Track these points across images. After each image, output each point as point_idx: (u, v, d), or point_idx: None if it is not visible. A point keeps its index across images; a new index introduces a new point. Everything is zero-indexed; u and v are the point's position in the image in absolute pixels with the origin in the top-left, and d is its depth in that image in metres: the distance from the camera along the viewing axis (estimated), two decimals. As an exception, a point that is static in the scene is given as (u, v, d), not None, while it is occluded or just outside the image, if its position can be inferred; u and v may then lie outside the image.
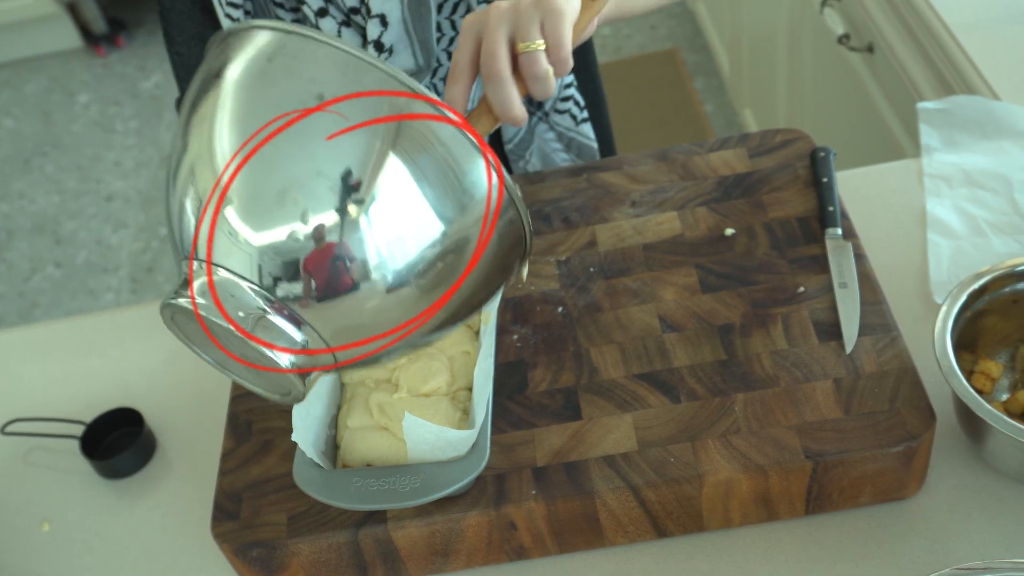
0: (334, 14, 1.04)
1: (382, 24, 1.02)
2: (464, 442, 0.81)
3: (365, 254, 0.65)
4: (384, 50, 1.03)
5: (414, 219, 0.66)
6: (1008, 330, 0.92)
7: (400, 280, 0.67)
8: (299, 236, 0.65)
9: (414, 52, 1.05)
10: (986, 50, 1.26)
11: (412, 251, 0.67)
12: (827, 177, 1.02)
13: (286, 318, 0.66)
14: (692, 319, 0.93)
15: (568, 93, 1.16)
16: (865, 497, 0.86)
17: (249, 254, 0.65)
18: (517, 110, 0.77)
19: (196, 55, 1.10)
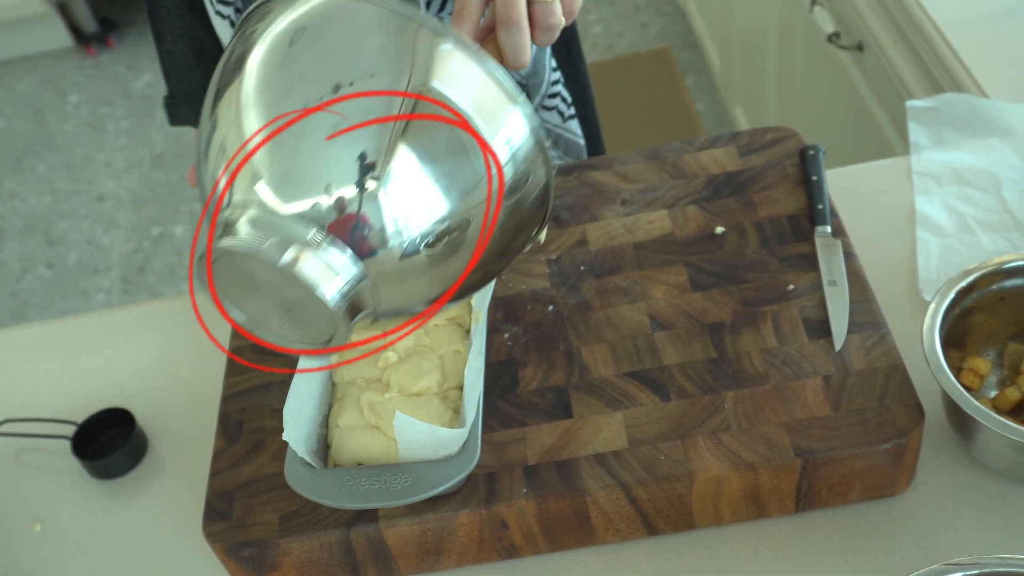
0: None
1: None
2: (455, 441, 0.81)
3: (391, 215, 0.65)
4: None
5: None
6: (996, 327, 0.93)
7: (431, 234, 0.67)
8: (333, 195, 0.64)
9: None
10: (975, 48, 1.27)
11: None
12: (817, 175, 1.02)
13: (336, 245, 0.64)
14: (682, 317, 0.94)
15: (555, 90, 1.16)
16: (854, 494, 0.86)
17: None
18: (527, 57, 0.75)
19: (185, 53, 1.10)
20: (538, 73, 1.10)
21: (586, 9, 3.45)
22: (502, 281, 1.00)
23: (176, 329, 1.16)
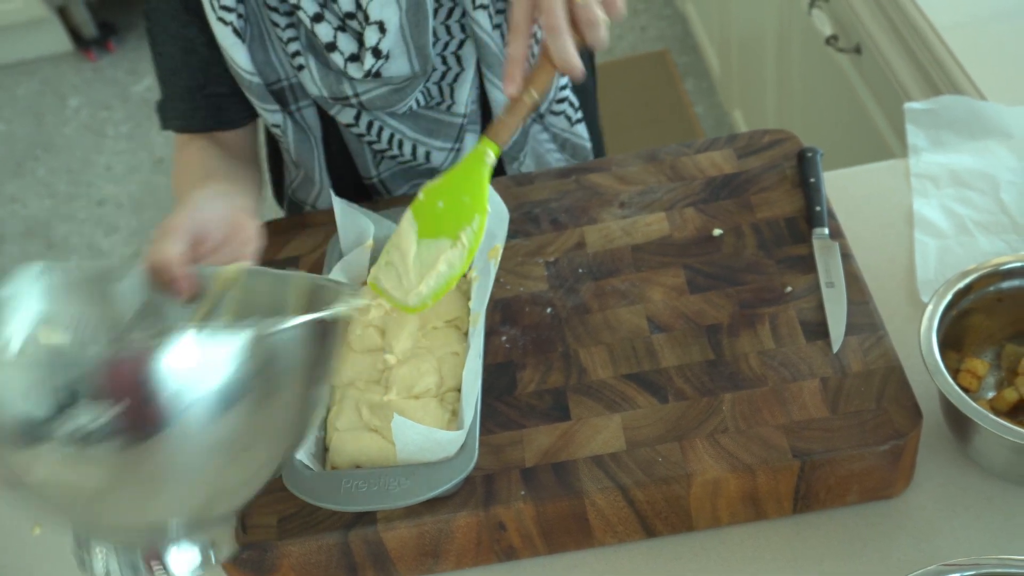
0: (329, 19, 1.04)
1: (380, 31, 1.02)
2: (453, 443, 0.81)
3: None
4: (381, 56, 1.03)
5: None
6: (994, 328, 0.93)
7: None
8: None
9: (410, 58, 1.06)
10: (972, 50, 1.27)
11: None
12: (814, 177, 1.02)
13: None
14: (680, 320, 0.94)
15: (563, 95, 1.16)
16: (852, 495, 0.86)
17: None
18: (576, 59, 0.82)
19: (178, 56, 1.10)
20: None
21: (585, 12, 3.45)
22: (500, 284, 1.00)
23: (175, 332, 1.16)
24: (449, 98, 1.13)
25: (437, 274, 0.86)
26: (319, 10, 1.04)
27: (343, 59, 1.05)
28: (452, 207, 0.88)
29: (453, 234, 0.87)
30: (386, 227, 0.99)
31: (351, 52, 1.05)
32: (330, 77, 1.07)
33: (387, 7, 1.01)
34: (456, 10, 1.07)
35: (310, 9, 1.03)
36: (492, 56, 1.09)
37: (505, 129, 0.87)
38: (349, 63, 1.05)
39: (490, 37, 1.08)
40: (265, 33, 1.08)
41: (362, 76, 1.05)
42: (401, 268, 0.88)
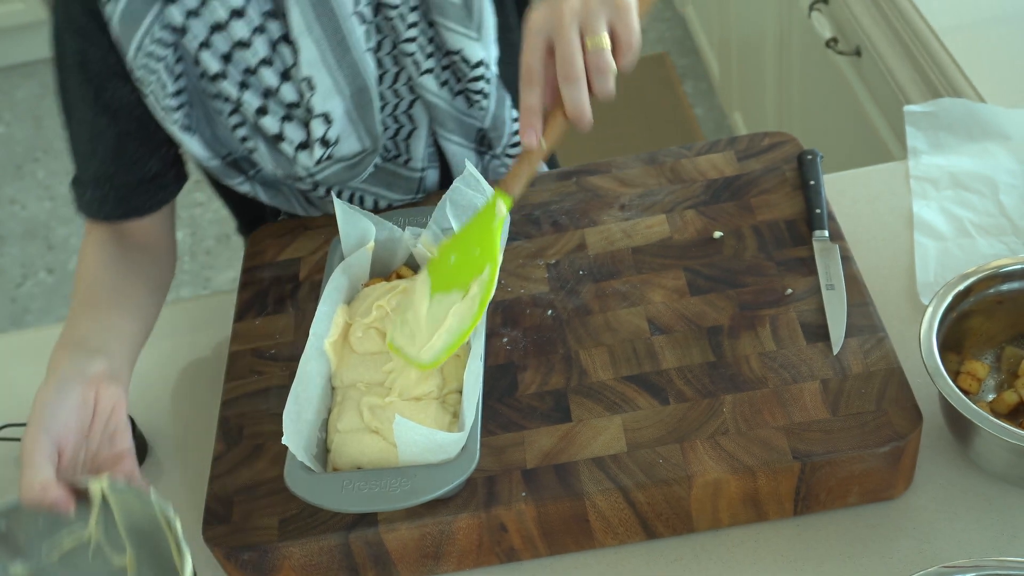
0: (274, 110, 1.03)
1: (326, 122, 1.02)
2: (454, 444, 0.81)
3: None
4: (331, 144, 1.03)
5: None
6: (994, 331, 0.93)
7: None
8: None
9: (360, 138, 1.06)
10: (972, 53, 1.27)
11: None
12: (814, 180, 1.02)
13: None
14: (681, 321, 0.94)
15: (516, 139, 1.16)
16: (853, 497, 0.86)
17: None
18: (589, 111, 0.81)
19: (87, 143, 1.06)
20: (498, 127, 1.13)
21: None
22: (501, 285, 1.00)
23: (175, 334, 1.16)
24: (405, 153, 1.12)
25: (448, 328, 0.86)
26: (262, 103, 1.02)
27: (292, 148, 1.04)
28: (464, 260, 0.88)
29: (465, 286, 0.87)
30: (387, 229, 1.00)
31: (300, 141, 1.04)
32: (281, 160, 1.06)
33: (330, 99, 1.01)
34: (402, 74, 1.07)
35: (253, 103, 1.02)
36: (443, 114, 1.09)
37: (517, 181, 0.86)
38: (299, 152, 1.04)
39: (438, 98, 1.08)
40: (211, 112, 1.06)
41: (313, 164, 1.05)
42: (414, 325, 0.88)
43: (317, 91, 1.00)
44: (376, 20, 1.02)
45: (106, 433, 0.88)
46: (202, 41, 0.99)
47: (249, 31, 0.98)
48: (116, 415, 0.89)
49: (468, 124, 1.12)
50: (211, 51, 0.99)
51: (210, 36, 0.99)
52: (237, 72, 1.01)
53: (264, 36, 0.99)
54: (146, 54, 0.99)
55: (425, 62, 1.05)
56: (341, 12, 0.98)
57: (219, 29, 0.98)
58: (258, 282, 1.08)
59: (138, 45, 0.98)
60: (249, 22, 0.98)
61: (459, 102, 1.09)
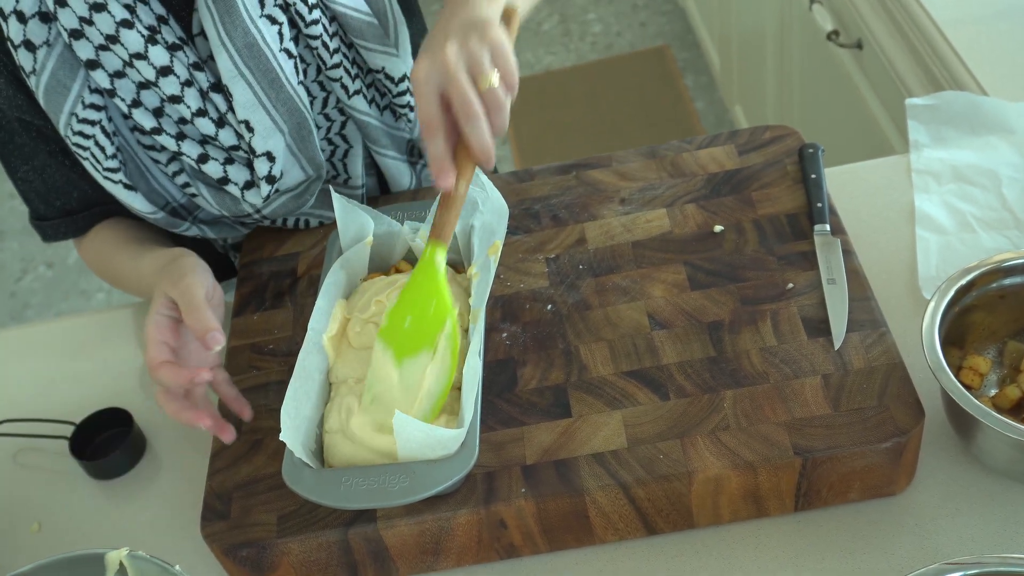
0: (215, 156, 1.02)
1: (269, 160, 1.01)
2: (453, 441, 0.81)
3: None
4: (275, 180, 1.03)
5: None
6: (996, 325, 0.93)
7: None
8: None
9: (303, 167, 1.05)
10: (974, 46, 1.26)
11: None
12: (815, 173, 1.02)
13: None
14: (681, 316, 0.93)
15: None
16: (854, 493, 0.86)
17: None
18: (491, 150, 0.82)
19: (50, 179, 1.07)
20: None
21: (585, 8, 3.45)
22: (500, 280, 1.00)
23: (174, 329, 1.16)
24: (344, 172, 1.13)
25: (427, 392, 0.85)
26: (202, 151, 1.01)
27: (239, 189, 1.04)
28: (419, 319, 0.88)
29: (431, 344, 0.86)
30: (385, 223, 0.99)
31: (245, 181, 1.03)
32: (227, 200, 1.06)
33: (271, 138, 1.00)
34: (331, 98, 1.07)
35: (193, 152, 1.01)
36: (375, 131, 1.10)
37: (447, 227, 0.87)
38: (245, 191, 1.04)
39: (369, 116, 1.08)
40: (142, 168, 1.05)
41: (261, 201, 1.04)
42: (388, 398, 0.87)
43: (257, 132, 0.99)
44: (300, 50, 1.02)
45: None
46: (132, 100, 0.97)
47: (179, 86, 0.97)
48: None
49: (398, 137, 1.13)
50: (142, 109, 0.98)
51: (139, 94, 0.97)
52: (172, 125, 1.00)
53: (194, 88, 0.98)
54: (80, 120, 0.98)
55: (352, 84, 1.05)
56: (269, 51, 0.97)
57: (146, 87, 0.97)
58: (256, 277, 1.08)
59: (69, 113, 0.97)
60: (177, 77, 0.97)
61: (387, 116, 1.11)
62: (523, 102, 3.16)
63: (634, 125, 2.97)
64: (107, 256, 1.11)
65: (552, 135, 3.02)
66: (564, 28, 3.41)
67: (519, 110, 3.21)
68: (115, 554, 0.82)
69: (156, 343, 0.89)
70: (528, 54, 3.33)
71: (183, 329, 0.93)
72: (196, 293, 0.90)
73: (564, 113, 3.08)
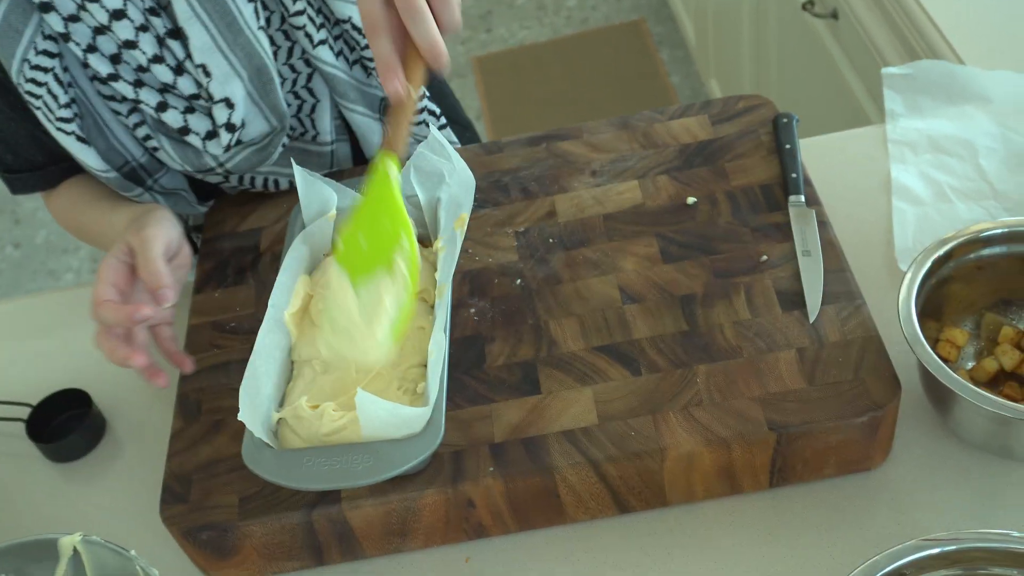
0: (175, 104, 0.99)
1: (228, 106, 0.99)
2: (419, 419, 0.78)
3: None
4: (236, 129, 1.00)
5: None
6: (973, 297, 0.91)
7: None
8: None
9: (266, 118, 1.03)
10: (951, 14, 1.25)
11: None
12: (790, 144, 1.00)
13: None
14: (653, 290, 0.91)
15: (421, 105, 1.14)
16: (830, 468, 0.84)
17: None
18: (442, 45, 0.78)
19: (13, 129, 1.04)
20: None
21: (560, -18, 3.41)
22: (468, 254, 0.97)
23: (135, 307, 1.13)
24: (312, 128, 1.10)
25: (386, 313, 0.82)
26: (161, 99, 0.99)
27: (200, 139, 1.01)
28: (375, 237, 0.83)
29: (387, 262, 0.82)
30: (348, 196, 0.96)
31: (206, 130, 1.01)
32: (188, 153, 1.03)
33: (229, 83, 0.98)
34: (296, 48, 1.04)
35: (152, 100, 0.99)
36: (343, 85, 1.07)
37: (398, 138, 0.82)
38: (207, 141, 1.01)
39: (336, 68, 1.05)
40: (102, 124, 1.03)
41: (223, 151, 1.02)
42: (349, 325, 0.84)
43: (214, 77, 0.97)
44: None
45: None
46: (87, 45, 0.95)
47: (133, 31, 0.94)
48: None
49: (369, 94, 1.10)
50: (98, 54, 0.96)
51: (95, 39, 0.95)
52: (129, 72, 0.97)
53: (149, 34, 0.95)
54: (32, 67, 0.95)
55: (317, 34, 1.02)
56: None
57: (102, 32, 0.94)
58: (217, 253, 1.05)
59: (22, 58, 0.95)
60: (131, 21, 0.94)
61: (357, 71, 1.08)
62: (497, 77, 3.13)
63: (610, 100, 2.95)
64: (79, 211, 1.10)
65: (527, 111, 2.99)
66: (539, 2, 3.37)
67: (493, 85, 3.19)
68: (69, 539, 0.79)
69: (105, 283, 0.89)
70: (502, 28, 3.29)
71: (138, 281, 0.91)
72: (154, 245, 0.90)
73: (539, 88, 3.05)
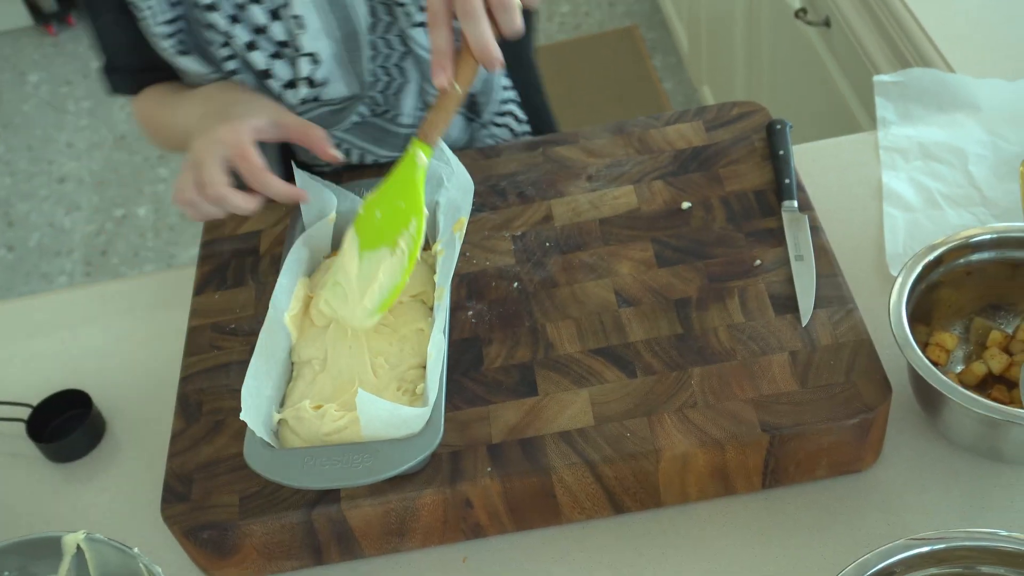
0: (264, 47, 1.02)
1: (313, 62, 1.01)
2: (418, 419, 0.79)
3: None
4: (316, 85, 1.02)
5: None
6: (962, 302, 0.92)
7: None
8: None
9: (348, 83, 1.05)
10: (942, 23, 1.26)
11: None
12: (783, 150, 1.01)
13: None
14: (648, 293, 0.93)
15: (506, 108, 1.15)
16: (822, 470, 0.85)
17: None
18: (493, 47, 0.79)
19: (124, 33, 1.07)
20: (487, 92, 1.12)
21: (553, -13, 3.42)
22: (466, 258, 0.99)
23: (134, 310, 1.14)
24: (394, 108, 1.11)
25: (379, 286, 0.85)
26: (252, 38, 1.01)
27: (279, 85, 1.04)
28: (389, 215, 0.87)
29: (392, 241, 0.86)
30: (349, 200, 0.97)
31: (287, 79, 1.03)
32: (269, 96, 1.06)
33: (319, 40, 1.00)
34: (394, 25, 1.06)
35: (243, 37, 1.01)
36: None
37: (434, 128, 0.85)
38: (285, 90, 1.04)
39: (428, 52, 1.06)
40: (204, 43, 1.06)
41: (298, 103, 1.04)
42: (346, 286, 0.87)
43: (307, 30, 0.99)
44: None
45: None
46: None
47: None
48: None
49: None
50: None
51: None
52: (229, 5, 1.00)
53: None
54: None
55: (418, 15, 1.03)
56: None
57: None
58: (218, 255, 1.06)
59: None
60: None
61: None
62: (491, 82, 3.13)
63: (603, 106, 2.96)
64: (170, 98, 1.11)
65: (520, 115, 2.99)
66: (532, 8, 3.38)
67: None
68: (72, 537, 0.80)
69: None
70: (496, 34, 3.30)
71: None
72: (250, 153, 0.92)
73: (532, 93, 3.06)
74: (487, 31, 0.79)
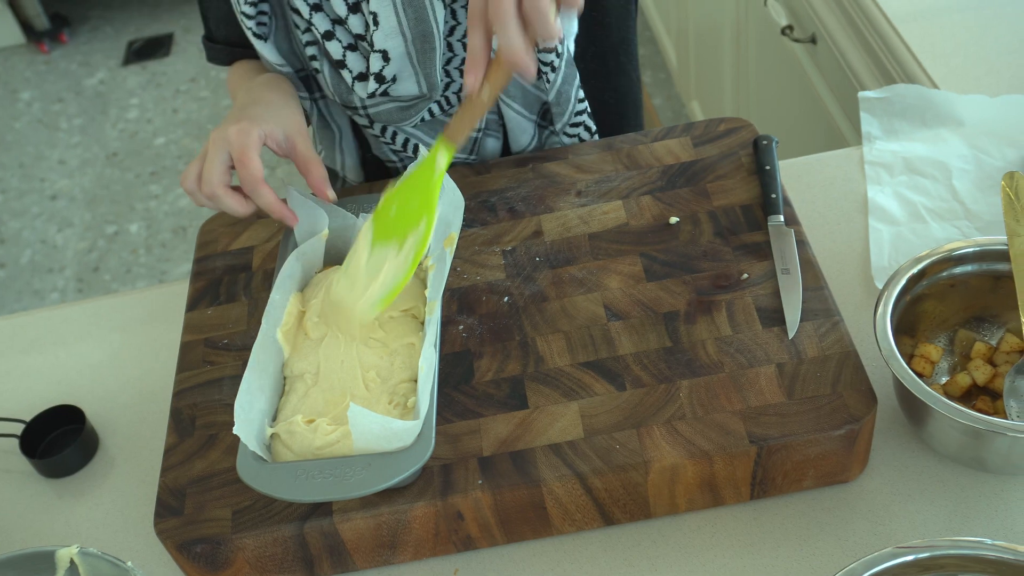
0: (340, 37, 1.05)
1: (384, 59, 1.03)
2: (409, 432, 0.80)
3: None
4: (386, 81, 1.04)
5: None
6: (947, 314, 0.94)
7: None
8: None
9: (418, 81, 1.06)
10: (925, 40, 1.28)
11: None
12: (770, 165, 1.03)
13: None
14: (637, 307, 0.94)
15: (579, 120, 1.15)
16: (809, 481, 0.86)
17: None
18: (522, 53, 0.78)
19: (224, 13, 1.12)
20: (561, 104, 1.12)
21: (543, 4, 3.44)
22: (457, 272, 1.00)
23: (127, 326, 1.14)
24: None
25: (382, 282, 0.86)
26: (330, 28, 1.04)
27: (351, 77, 1.06)
28: (403, 211, 0.88)
29: (401, 238, 0.87)
30: (341, 217, 0.98)
31: (359, 71, 1.06)
32: (341, 86, 1.09)
33: (391, 38, 1.02)
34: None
35: (322, 26, 1.04)
36: None
37: (459, 130, 0.85)
38: (356, 81, 1.07)
39: None
40: (290, 25, 1.09)
41: (367, 96, 1.06)
42: (355, 274, 0.88)
43: (380, 28, 1.01)
44: None
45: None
46: None
47: None
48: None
49: (530, 94, 1.12)
50: None
51: None
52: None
53: None
54: None
55: None
56: None
57: None
58: (210, 272, 1.06)
59: None
60: None
61: None
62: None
63: (593, 121, 2.97)
64: (246, 78, 1.15)
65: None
66: (522, 25, 3.40)
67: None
68: (65, 551, 0.81)
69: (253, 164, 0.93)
70: (486, 50, 3.32)
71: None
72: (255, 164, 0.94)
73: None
74: (517, 37, 0.77)
